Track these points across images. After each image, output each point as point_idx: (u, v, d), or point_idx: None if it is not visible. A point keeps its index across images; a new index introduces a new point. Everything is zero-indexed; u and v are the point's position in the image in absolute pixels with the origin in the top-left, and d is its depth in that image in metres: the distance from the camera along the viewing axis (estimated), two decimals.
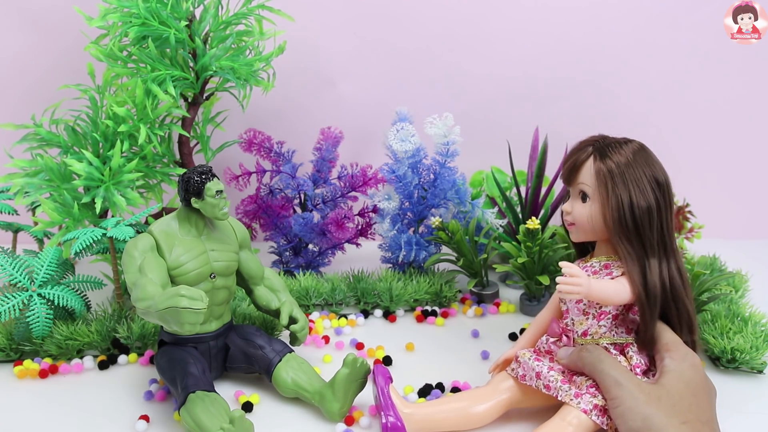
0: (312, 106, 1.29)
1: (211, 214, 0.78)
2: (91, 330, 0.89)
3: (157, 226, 0.79)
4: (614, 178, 0.70)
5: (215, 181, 0.77)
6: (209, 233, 0.81)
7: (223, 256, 0.81)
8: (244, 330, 0.84)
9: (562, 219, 0.77)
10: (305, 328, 0.86)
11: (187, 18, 0.98)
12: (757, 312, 0.92)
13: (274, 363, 0.80)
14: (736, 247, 1.17)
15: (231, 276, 0.83)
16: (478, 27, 1.25)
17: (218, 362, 0.83)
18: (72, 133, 0.98)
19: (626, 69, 1.27)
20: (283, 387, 0.78)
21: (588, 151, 0.73)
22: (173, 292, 0.68)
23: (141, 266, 0.75)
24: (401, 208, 1.08)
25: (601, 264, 0.74)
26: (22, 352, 0.88)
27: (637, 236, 0.70)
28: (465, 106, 1.17)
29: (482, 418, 0.73)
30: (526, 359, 0.75)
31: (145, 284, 0.73)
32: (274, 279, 0.89)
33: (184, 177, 0.78)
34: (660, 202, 0.70)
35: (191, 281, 0.78)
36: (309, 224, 1.09)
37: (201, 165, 0.78)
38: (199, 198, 0.77)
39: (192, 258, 0.78)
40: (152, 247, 0.77)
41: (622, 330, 0.73)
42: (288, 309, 0.86)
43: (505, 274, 1.15)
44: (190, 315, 0.67)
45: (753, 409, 0.75)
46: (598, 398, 0.68)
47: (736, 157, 1.32)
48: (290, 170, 1.10)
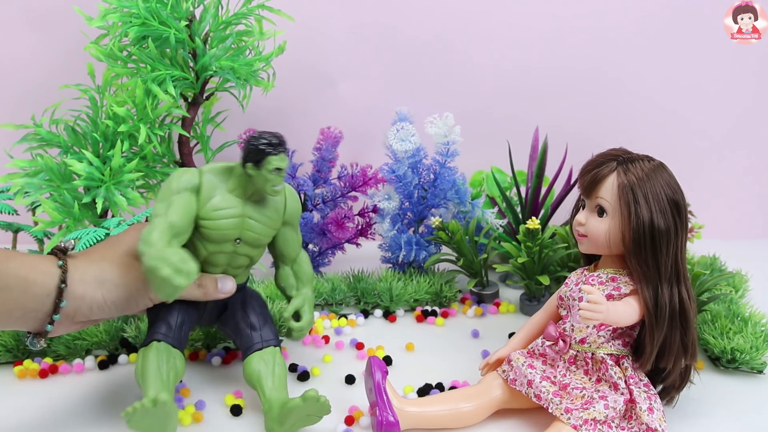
0: (312, 106, 1.29)
1: (261, 186, 0.73)
2: (100, 330, 0.89)
3: (208, 169, 0.74)
4: (637, 198, 0.68)
5: (281, 156, 0.71)
6: (256, 200, 0.75)
7: (259, 227, 0.76)
8: (249, 299, 0.80)
9: (572, 229, 0.76)
10: (304, 329, 0.82)
11: (187, 18, 0.98)
12: (757, 312, 0.92)
13: (253, 348, 0.76)
14: (736, 247, 1.17)
15: (259, 248, 0.78)
16: (479, 27, 1.25)
17: (212, 317, 0.80)
18: (72, 133, 0.98)
19: (626, 69, 1.27)
20: (248, 375, 0.75)
21: (611, 166, 0.71)
22: (163, 255, 0.65)
23: (171, 202, 0.71)
24: (401, 208, 1.08)
25: (608, 276, 0.74)
26: (29, 352, 0.88)
27: (653, 258, 0.69)
28: (465, 106, 1.17)
29: (473, 416, 0.74)
30: (519, 364, 0.75)
31: (158, 227, 0.68)
32: (304, 266, 0.84)
33: (251, 137, 0.72)
34: (678, 225, 0.70)
35: (215, 238, 0.73)
36: (309, 224, 1.09)
37: (274, 133, 0.72)
38: (256, 166, 0.71)
39: (225, 217, 0.73)
40: (193, 188, 0.72)
41: (619, 342, 0.73)
42: (298, 303, 0.82)
43: (505, 274, 1.15)
44: (167, 285, 0.65)
45: (753, 409, 0.75)
46: (589, 412, 0.68)
47: (736, 157, 1.32)
48: (290, 170, 1.10)
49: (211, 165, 0.75)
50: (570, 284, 0.77)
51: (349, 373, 0.85)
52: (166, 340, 0.72)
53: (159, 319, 0.75)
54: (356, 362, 0.90)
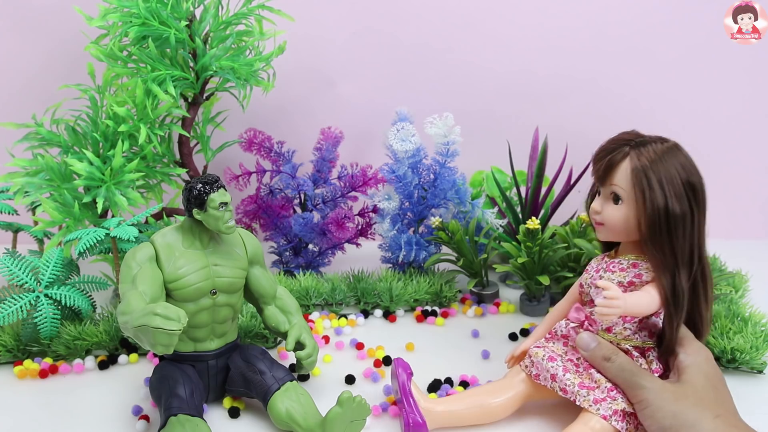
0: (312, 106, 1.29)
1: (214, 227, 0.73)
2: (99, 330, 0.89)
3: (159, 236, 0.75)
4: (651, 183, 0.67)
5: (220, 192, 0.72)
6: (215, 247, 0.76)
7: (228, 272, 0.76)
8: (248, 352, 0.78)
9: (589, 216, 0.74)
10: (312, 355, 0.79)
11: (187, 18, 0.98)
12: (757, 312, 0.92)
13: (271, 391, 0.74)
14: (736, 247, 1.17)
15: (236, 293, 0.78)
16: (479, 27, 1.25)
17: (217, 383, 0.78)
18: (72, 133, 0.98)
19: (626, 69, 1.27)
20: (277, 417, 0.73)
21: (624, 152, 0.69)
22: (148, 310, 0.64)
23: (134, 277, 0.71)
24: (401, 208, 1.08)
25: (629, 262, 0.72)
26: (29, 352, 0.88)
27: (669, 244, 0.68)
28: (465, 106, 1.17)
29: (501, 411, 0.73)
30: (539, 359, 0.74)
31: (131, 297, 0.68)
32: (287, 299, 0.83)
33: (187, 186, 0.73)
34: (694, 208, 0.68)
35: (190, 296, 0.73)
36: (309, 224, 1.09)
37: (207, 174, 0.74)
38: (201, 209, 0.72)
39: (192, 272, 0.73)
40: (151, 258, 0.73)
41: (645, 333, 0.72)
42: (296, 333, 0.79)
43: (505, 274, 1.15)
44: (162, 336, 0.63)
45: (753, 409, 0.75)
46: (618, 403, 0.68)
47: (736, 157, 1.32)
48: (290, 170, 1.10)
49: (160, 231, 0.76)
50: (591, 271, 0.76)
51: (349, 373, 0.85)
52: (182, 411, 0.70)
53: (166, 395, 0.72)
54: (356, 362, 0.90)
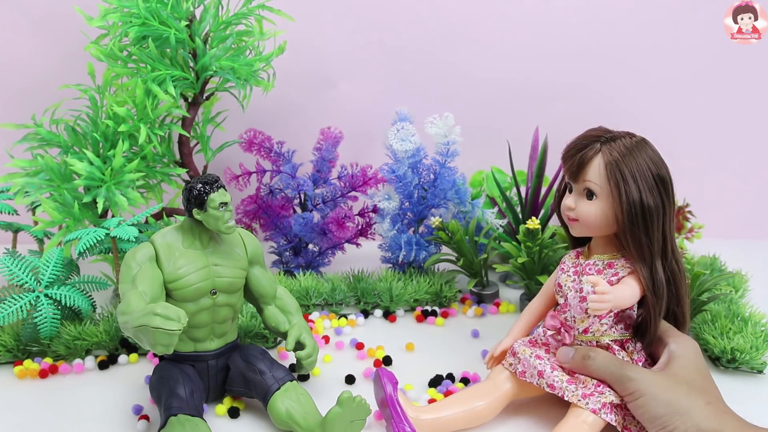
0: (312, 106, 1.29)
1: (214, 227, 0.73)
2: (100, 330, 0.89)
3: (159, 236, 0.75)
4: (625, 177, 0.69)
5: (220, 192, 0.73)
6: (215, 247, 0.76)
7: (228, 272, 0.76)
8: (248, 352, 0.78)
9: (562, 213, 0.75)
10: (313, 355, 0.79)
11: (187, 18, 0.98)
12: (757, 312, 0.92)
13: (271, 391, 0.74)
14: (736, 247, 1.17)
15: (236, 293, 0.78)
16: (479, 27, 1.25)
17: (217, 383, 0.78)
18: (72, 133, 0.98)
19: (626, 69, 1.27)
20: (277, 417, 0.73)
21: (596, 148, 0.71)
22: (148, 310, 0.64)
23: (134, 277, 0.71)
24: (401, 208, 1.08)
25: (604, 263, 0.74)
26: (29, 352, 0.88)
27: (646, 236, 0.69)
28: (465, 106, 1.17)
29: (487, 413, 0.74)
30: (526, 356, 0.75)
31: (131, 297, 0.68)
32: (287, 299, 0.83)
33: (187, 186, 0.73)
34: (665, 200, 0.70)
35: (190, 296, 0.74)
36: (309, 224, 1.09)
37: (207, 174, 0.74)
38: (201, 209, 0.73)
39: (192, 272, 0.74)
40: (151, 258, 0.73)
41: (622, 326, 0.74)
42: (296, 333, 0.79)
43: (505, 274, 1.15)
44: (162, 336, 0.63)
45: (753, 409, 0.75)
46: (606, 396, 0.68)
47: (736, 157, 1.32)
48: (290, 170, 1.10)
49: (160, 231, 0.76)
50: (567, 270, 0.76)
51: (349, 373, 0.85)
52: (182, 411, 0.70)
53: (166, 395, 0.72)
54: (356, 362, 0.90)
